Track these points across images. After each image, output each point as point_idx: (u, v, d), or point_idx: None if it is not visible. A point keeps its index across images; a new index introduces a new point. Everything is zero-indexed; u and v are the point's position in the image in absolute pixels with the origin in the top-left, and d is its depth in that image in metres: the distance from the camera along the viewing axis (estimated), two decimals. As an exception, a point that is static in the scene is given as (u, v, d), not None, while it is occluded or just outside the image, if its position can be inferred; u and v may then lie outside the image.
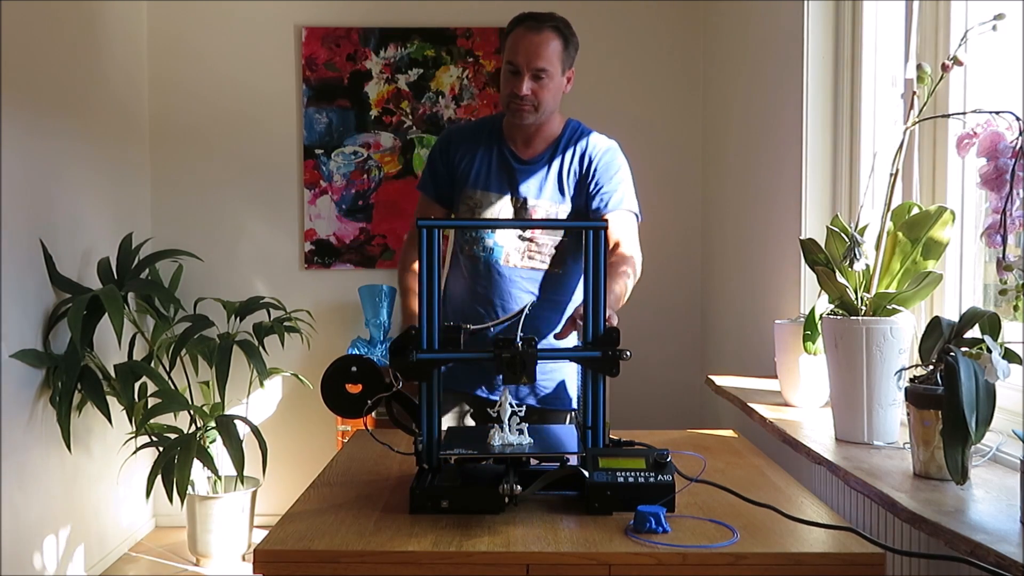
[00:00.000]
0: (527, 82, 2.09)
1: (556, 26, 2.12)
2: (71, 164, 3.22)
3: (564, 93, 2.19)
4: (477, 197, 2.20)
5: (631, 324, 1.95)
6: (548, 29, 2.11)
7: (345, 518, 1.43)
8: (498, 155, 2.21)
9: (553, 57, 2.10)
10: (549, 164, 2.20)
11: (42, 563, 2.98)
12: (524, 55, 2.09)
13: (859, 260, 1.54)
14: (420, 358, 1.51)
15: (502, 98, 2.17)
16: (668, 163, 3.94)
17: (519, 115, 2.13)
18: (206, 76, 3.89)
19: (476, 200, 2.20)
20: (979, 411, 1.21)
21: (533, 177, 2.20)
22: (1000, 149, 1.26)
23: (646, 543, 1.28)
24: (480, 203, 2.20)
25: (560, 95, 2.17)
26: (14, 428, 2.82)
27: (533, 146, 2.21)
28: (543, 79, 2.10)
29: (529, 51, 2.09)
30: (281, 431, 3.89)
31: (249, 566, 3.41)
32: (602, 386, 1.54)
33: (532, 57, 2.08)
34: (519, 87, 2.09)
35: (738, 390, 2.22)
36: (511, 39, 2.13)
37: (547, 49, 2.09)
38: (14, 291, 2.82)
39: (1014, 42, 1.52)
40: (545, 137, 2.21)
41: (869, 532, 1.73)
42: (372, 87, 3.89)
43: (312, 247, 3.92)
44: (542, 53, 2.09)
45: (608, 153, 2.21)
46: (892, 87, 2.12)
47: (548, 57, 2.09)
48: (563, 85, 2.17)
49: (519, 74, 2.10)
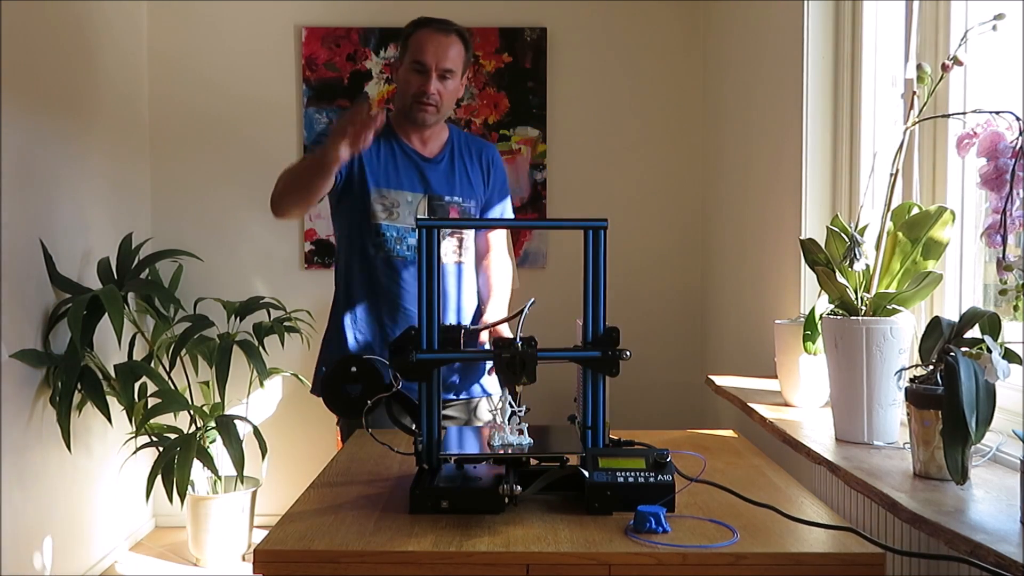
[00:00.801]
0: (435, 81, 2.16)
1: (460, 31, 2.23)
2: (71, 164, 3.22)
3: (458, 97, 2.29)
4: (392, 196, 2.20)
5: (631, 324, 1.95)
6: (454, 33, 2.21)
7: (345, 518, 1.43)
8: (400, 152, 2.23)
9: (458, 60, 2.20)
10: (451, 162, 2.27)
11: (42, 563, 2.98)
12: (433, 55, 2.16)
13: (859, 260, 1.54)
14: (420, 358, 1.51)
15: (403, 97, 2.22)
16: (668, 163, 3.94)
17: (423, 115, 2.19)
18: (206, 76, 3.89)
19: (391, 199, 2.20)
20: (979, 411, 1.21)
21: (442, 174, 2.25)
22: (1000, 149, 1.26)
23: (646, 543, 1.28)
24: (396, 201, 2.20)
25: (456, 98, 2.27)
26: (14, 428, 2.82)
27: (430, 145, 2.27)
28: (448, 79, 2.19)
29: (439, 51, 2.17)
30: (281, 431, 3.89)
31: (249, 566, 3.41)
32: (602, 386, 1.54)
33: (441, 58, 2.17)
34: (428, 85, 2.16)
35: (738, 390, 2.22)
36: (416, 39, 2.19)
37: (453, 51, 2.19)
38: (14, 291, 2.82)
39: (1014, 42, 1.52)
40: (439, 137, 2.29)
41: (869, 532, 1.73)
42: (372, 87, 3.89)
43: (312, 247, 3.92)
44: (450, 54, 2.18)
45: (501, 163, 2.37)
46: (892, 87, 2.12)
47: (454, 59, 2.19)
48: (460, 90, 2.27)
49: (426, 73, 2.16)
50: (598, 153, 3.91)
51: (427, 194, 2.22)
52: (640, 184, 3.94)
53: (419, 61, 2.16)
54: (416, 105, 2.18)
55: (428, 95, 2.16)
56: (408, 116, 2.22)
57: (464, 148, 2.31)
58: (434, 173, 2.24)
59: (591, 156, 3.92)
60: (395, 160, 2.22)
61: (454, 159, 2.27)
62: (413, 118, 2.21)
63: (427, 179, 2.23)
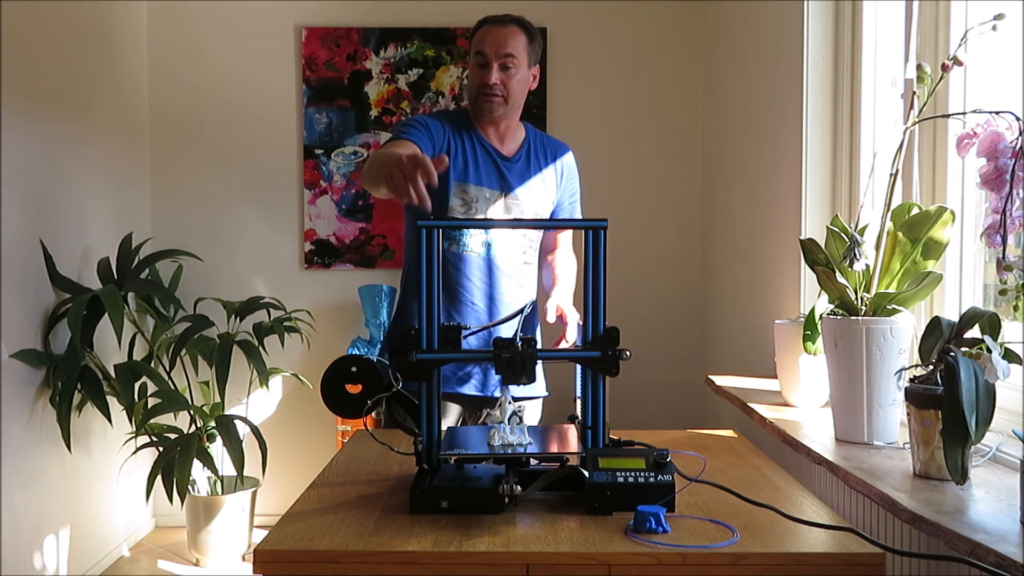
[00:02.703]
0: (496, 71, 2.17)
1: (520, 21, 2.23)
2: (71, 164, 3.22)
3: (530, 90, 2.28)
4: (471, 191, 2.21)
5: (631, 324, 1.95)
6: (512, 23, 2.21)
7: (345, 518, 1.43)
8: (481, 149, 2.24)
9: (519, 47, 2.20)
10: (529, 162, 2.28)
11: (42, 563, 2.98)
12: (491, 44, 2.18)
13: (859, 260, 1.54)
14: (420, 358, 1.51)
15: (470, 92, 2.24)
16: (668, 163, 3.94)
17: (489, 106, 2.20)
18: (206, 76, 3.89)
19: (471, 195, 2.21)
20: (979, 411, 1.21)
21: (519, 174, 2.27)
22: (1000, 149, 1.26)
23: (646, 543, 1.28)
24: (475, 197, 2.22)
25: (526, 90, 2.26)
26: (14, 428, 2.82)
27: (508, 144, 2.28)
28: (511, 68, 2.19)
29: (496, 41, 2.18)
30: (281, 431, 3.89)
31: (249, 566, 3.41)
32: (602, 386, 1.54)
33: (499, 46, 2.17)
34: (488, 76, 2.17)
35: (738, 390, 2.22)
36: (477, 35, 2.22)
37: (513, 39, 2.19)
38: (14, 291, 2.82)
39: (1014, 42, 1.52)
40: (516, 136, 2.30)
41: (869, 532, 1.73)
42: (372, 87, 3.89)
43: (312, 247, 3.92)
44: (509, 42, 2.18)
45: (574, 166, 2.40)
46: (892, 87, 2.12)
47: (514, 46, 2.19)
48: (529, 80, 2.26)
49: (487, 65, 2.18)
50: (598, 153, 3.91)
51: (504, 192, 2.24)
52: (640, 184, 3.94)
53: (480, 52, 2.19)
54: (481, 97, 2.19)
55: (490, 86, 2.17)
56: (476, 110, 2.23)
57: (539, 148, 2.32)
58: (512, 172, 2.25)
59: (591, 156, 3.91)
60: (476, 157, 2.23)
61: (530, 159, 2.29)
62: (480, 110, 2.22)
63: (505, 178, 2.24)
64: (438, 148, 2.18)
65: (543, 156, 2.32)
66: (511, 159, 2.26)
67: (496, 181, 2.23)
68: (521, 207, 2.24)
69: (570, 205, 2.38)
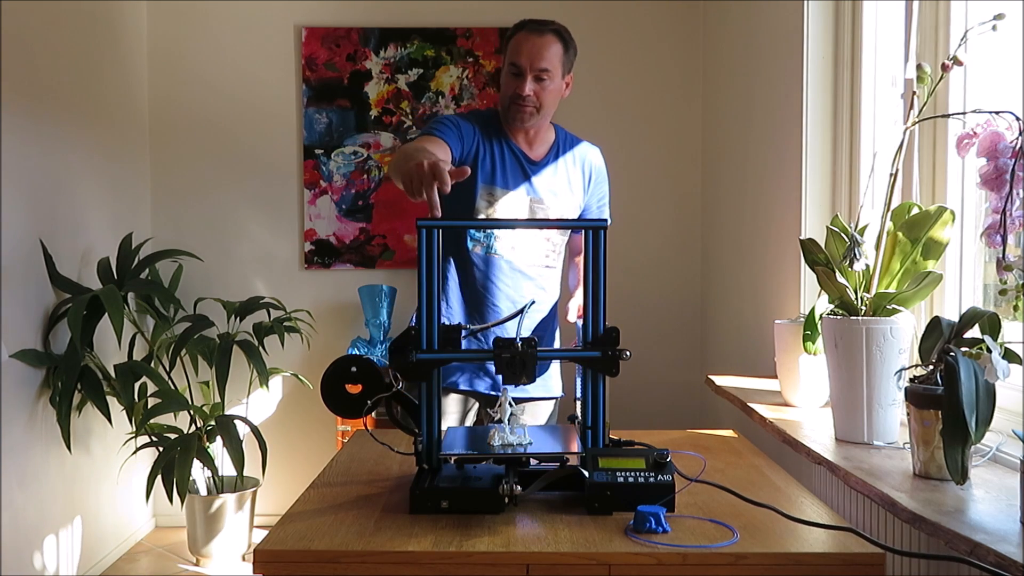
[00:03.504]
0: (530, 83, 2.16)
1: (558, 31, 2.20)
2: (71, 164, 3.22)
3: (562, 98, 2.26)
4: (497, 193, 2.22)
5: (631, 324, 1.95)
6: (550, 33, 2.18)
7: (345, 518, 1.43)
8: (509, 153, 2.25)
9: (555, 59, 2.18)
10: (555, 166, 2.28)
11: (42, 563, 2.98)
12: (527, 56, 2.15)
13: (859, 260, 1.54)
14: (420, 358, 1.51)
15: (503, 99, 2.23)
16: (668, 163, 3.94)
17: (520, 116, 2.19)
18: (206, 76, 3.89)
19: (496, 196, 2.22)
20: (979, 411, 1.21)
21: (546, 177, 2.26)
22: (1000, 149, 1.26)
23: (646, 543, 1.28)
24: (499, 199, 2.22)
25: (559, 99, 2.25)
26: (14, 428, 2.82)
27: (536, 148, 2.28)
28: (544, 80, 2.17)
29: (532, 52, 2.15)
30: (281, 431, 3.89)
31: (249, 566, 3.41)
32: (602, 386, 1.54)
33: (535, 58, 2.15)
34: (522, 87, 2.16)
35: (738, 390, 2.22)
36: (514, 42, 2.19)
37: (549, 51, 2.17)
38: (14, 291, 2.82)
39: (1014, 42, 1.52)
40: (545, 140, 2.29)
41: (869, 532, 1.73)
42: (372, 87, 3.89)
43: (312, 247, 3.92)
44: (544, 55, 2.16)
45: (603, 168, 2.39)
46: (892, 87, 2.12)
47: (550, 59, 2.16)
48: (562, 89, 2.24)
49: (522, 75, 2.16)
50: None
51: (530, 196, 2.24)
52: (640, 184, 3.94)
53: (515, 63, 2.17)
54: (513, 107, 2.18)
55: (523, 97, 2.16)
56: (507, 116, 2.22)
57: (568, 151, 2.32)
58: (538, 176, 2.25)
59: (591, 156, 3.92)
60: (504, 160, 2.23)
61: (556, 162, 2.28)
62: (511, 119, 2.21)
63: (532, 181, 2.24)
64: (467, 150, 2.18)
65: (572, 159, 2.32)
66: (538, 163, 2.26)
67: (523, 184, 2.24)
68: (547, 210, 2.25)
69: (598, 208, 2.37)
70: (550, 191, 2.26)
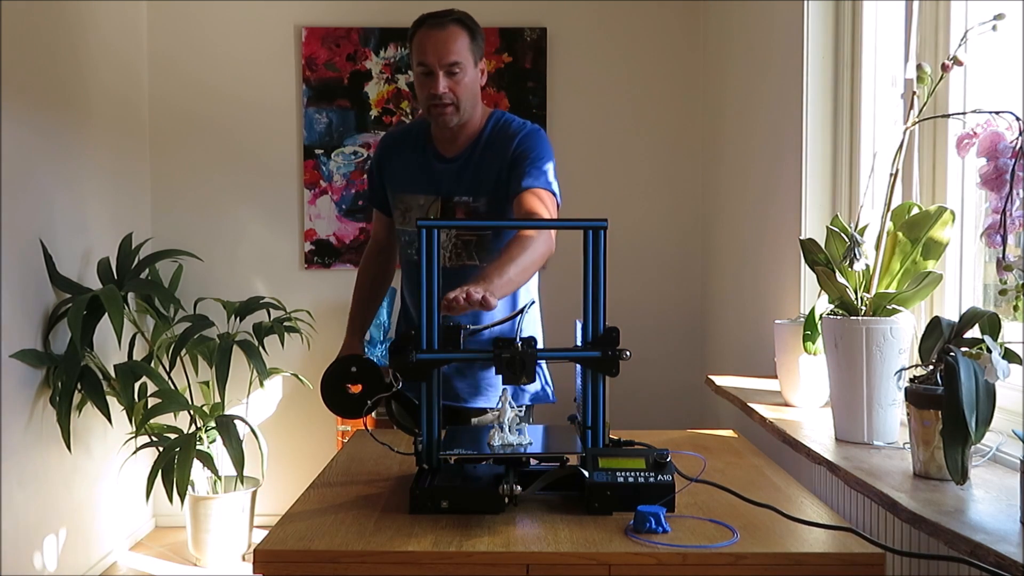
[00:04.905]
0: (443, 80, 2.03)
1: (459, 19, 2.07)
2: (71, 164, 3.22)
3: (481, 86, 2.13)
4: (407, 200, 2.17)
5: (631, 324, 1.95)
6: (452, 24, 2.05)
7: (345, 518, 1.43)
8: (422, 157, 2.18)
9: (463, 50, 2.05)
10: (468, 159, 2.14)
11: (42, 563, 2.98)
12: (434, 53, 2.03)
13: (859, 260, 1.54)
14: (420, 358, 1.51)
15: (421, 103, 2.12)
16: (668, 163, 3.94)
17: (442, 118, 2.08)
18: (206, 76, 3.89)
19: (406, 203, 2.17)
20: (979, 411, 1.21)
21: (452, 174, 2.15)
22: (1000, 149, 1.26)
23: (646, 543, 1.28)
24: (410, 206, 2.17)
25: (478, 89, 2.12)
26: (14, 428, 2.82)
27: (456, 144, 2.16)
28: (457, 74, 2.05)
29: (439, 48, 2.03)
30: (281, 431, 3.89)
31: (249, 566, 3.41)
32: (602, 386, 1.54)
33: (443, 53, 2.03)
34: (435, 87, 2.03)
35: (738, 390, 2.22)
36: (417, 40, 2.07)
37: (456, 43, 2.04)
38: (14, 291, 2.82)
39: (1014, 42, 1.52)
40: (468, 134, 2.15)
41: (869, 532, 1.73)
42: (372, 87, 3.89)
43: (312, 247, 3.92)
44: (452, 48, 2.03)
45: (528, 137, 2.14)
46: (892, 87, 2.12)
47: (458, 51, 2.04)
48: (478, 78, 2.11)
49: (432, 74, 2.04)
50: (598, 153, 3.91)
51: (439, 196, 2.14)
52: (640, 184, 3.94)
53: (422, 63, 2.06)
54: (433, 110, 2.07)
55: (439, 96, 2.04)
56: (431, 121, 2.14)
57: (492, 139, 2.14)
58: (445, 173, 2.15)
59: (591, 156, 3.92)
60: (413, 165, 2.18)
61: (472, 155, 2.14)
62: (435, 123, 2.12)
63: (437, 180, 2.15)
64: (382, 177, 2.23)
65: (498, 145, 2.13)
66: (450, 159, 2.15)
67: (427, 186, 2.15)
68: (468, 205, 2.13)
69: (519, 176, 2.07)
70: (458, 188, 2.13)
